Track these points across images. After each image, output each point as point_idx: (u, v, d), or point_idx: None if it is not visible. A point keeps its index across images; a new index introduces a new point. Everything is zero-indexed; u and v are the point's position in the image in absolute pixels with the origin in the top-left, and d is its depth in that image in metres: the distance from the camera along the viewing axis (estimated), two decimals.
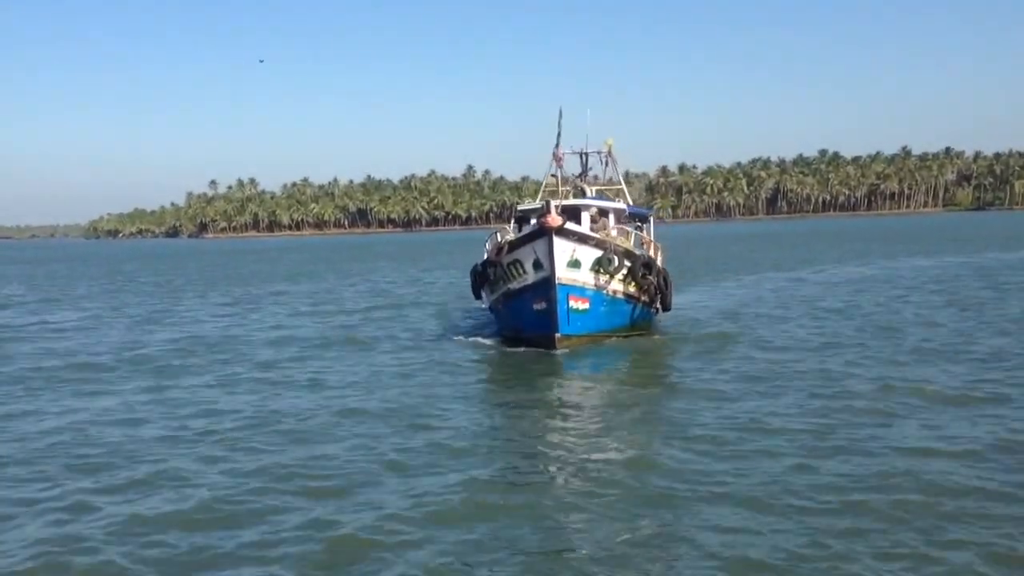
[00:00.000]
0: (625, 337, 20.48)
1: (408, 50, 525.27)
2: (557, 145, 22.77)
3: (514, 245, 19.42)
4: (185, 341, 23.07)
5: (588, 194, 23.21)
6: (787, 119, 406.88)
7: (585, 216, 21.30)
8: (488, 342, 21.11)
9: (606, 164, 25.33)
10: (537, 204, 22.16)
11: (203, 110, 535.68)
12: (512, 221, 23.76)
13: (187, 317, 29.79)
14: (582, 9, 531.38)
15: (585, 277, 19.09)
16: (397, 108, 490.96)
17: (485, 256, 21.86)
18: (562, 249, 18.50)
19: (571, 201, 21.99)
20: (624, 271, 19.50)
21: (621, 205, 23.20)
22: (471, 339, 21.76)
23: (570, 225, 18.78)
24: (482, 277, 21.17)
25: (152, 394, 16.11)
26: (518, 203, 25.26)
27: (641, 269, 19.82)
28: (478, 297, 22.67)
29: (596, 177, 25.35)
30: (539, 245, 18.66)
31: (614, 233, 21.22)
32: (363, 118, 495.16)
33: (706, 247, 77.01)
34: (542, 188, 25.93)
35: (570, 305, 18.94)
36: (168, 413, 14.47)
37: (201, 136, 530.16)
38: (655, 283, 20.50)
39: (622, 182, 25.22)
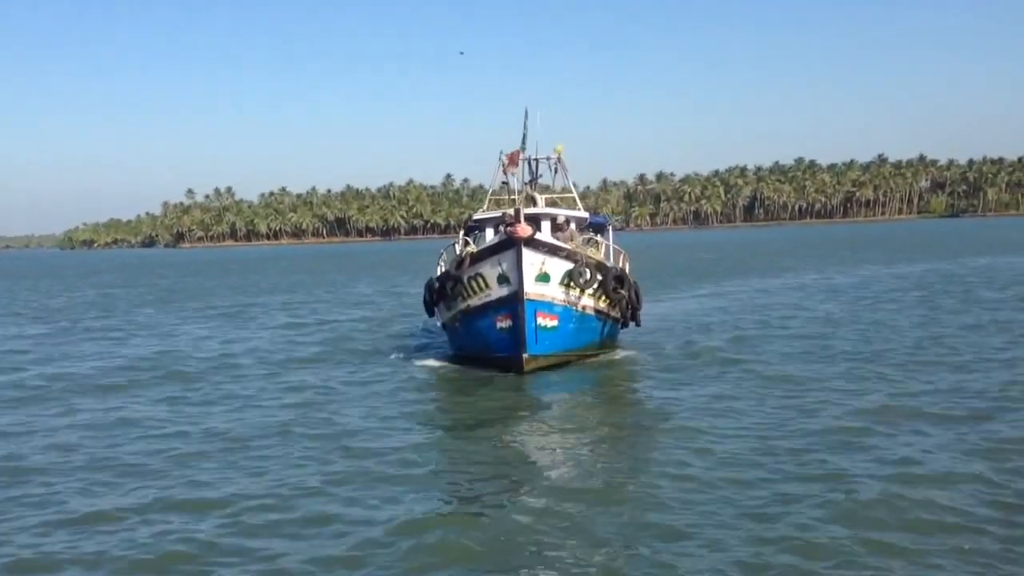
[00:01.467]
0: (593, 355, 19.31)
1: (387, 59, 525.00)
2: (523, 148, 21.60)
3: (477, 257, 18.02)
4: (126, 361, 22.03)
5: (539, 203, 22.02)
6: (764, 127, 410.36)
7: (546, 226, 20.21)
8: (444, 363, 19.72)
9: (555, 171, 23.81)
10: (494, 213, 20.96)
11: (180, 119, 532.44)
12: (462, 231, 22.04)
13: (146, 332, 29.08)
14: (560, 17, 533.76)
15: (554, 292, 17.73)
16: (376, 117, 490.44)
17: (439, 270, 20.52)
18: (531, 262, 17.21)
19: (533, 209, 20.58)
20: (595, 285, 18.20)
21: (582, 213, 22.12)
22: (427, 360, 20.48)
23: (540, 235, 17.66)
24: (439, 293, 19.39)
25: (84, 414, 15.57)
26: (472, 212, 23.74)
27: (612, 283, 18.50)
28: (431, 314, 21.08)
29: (547, 187, 24.19)
30: (506, 257, 17.34)
31: (579, 242, 19.86)
32: (342, 127, 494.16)
33: (680, 255, 77.09)
34: (488, 196, 24.65)
35: (538, 322, 17.55)
36: (92, 436, 13.91)
37: (178, 145, 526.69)
38: (627, 297, 19.12)
39: (574, 190, 23.90)
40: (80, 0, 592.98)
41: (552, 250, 17.64)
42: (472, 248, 18.82)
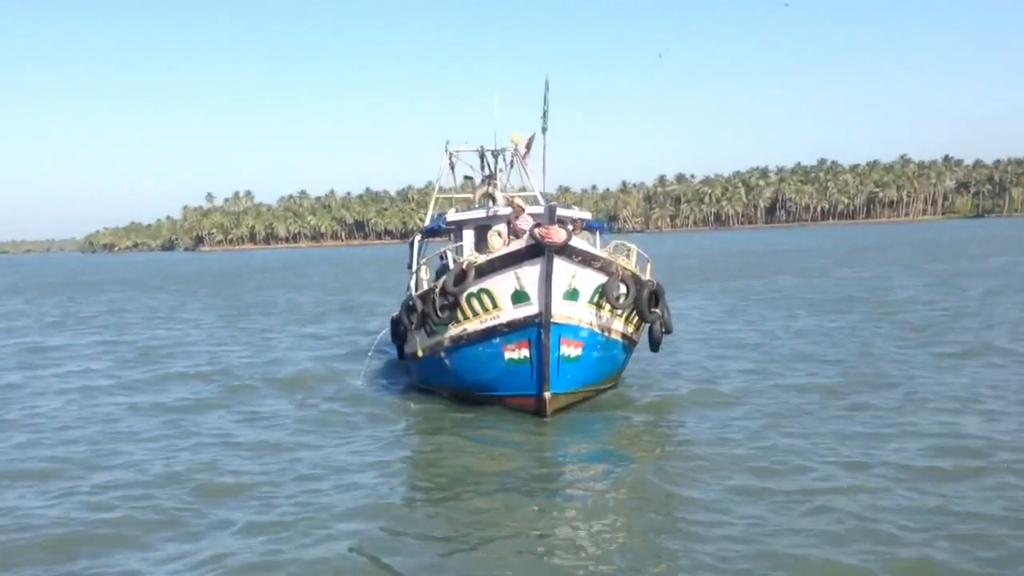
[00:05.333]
0: (607, 389, 15.63)
1: (407, 60, 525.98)
2: (545, 128, 17.13)
3: (485, 270, 13.86)
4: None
5: (499, 202, 18.61)
6: (786, 128, 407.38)
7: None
8: (410, 398, 16.15)
9: (511, 166, 19.98)
10: (477, 212, 17.41)
11: (200, 123, 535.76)
12: (418, 238, 18.73)
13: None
14: (580, 16, 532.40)
15: (581, 313, 14.07)
16: (396, 118, 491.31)
17: (414, 287, 16.74)
18: (560, 274, 13.52)
19: (536, 209, 16.64)
20: (630, 303, 14.54)
21: (585, 214, 18.30)
22: (390, 396, 16.79)
23: (576, 241, 13.85)
24: (421, 317, 15.02)
25: None
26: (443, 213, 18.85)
27: (648, 300, 14.86)
28: (403, 341, 16.86)
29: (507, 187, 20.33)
30: (528, 269, 13.54)
31: (611, 248, 15.86)
32: (362, 129, 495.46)
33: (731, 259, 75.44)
34: (435, 196, 21.10)
35: (561, 352, 14.00)
36: None
37: (198, 149, 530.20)
38: (662, 318, 15.47)
39: (535, 188, 20.03)
40: (98, 5, 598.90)
41: (586, 260, 13.83)
42: (475, 257, 14.50)
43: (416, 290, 16.13)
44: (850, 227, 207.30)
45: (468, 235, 16.95)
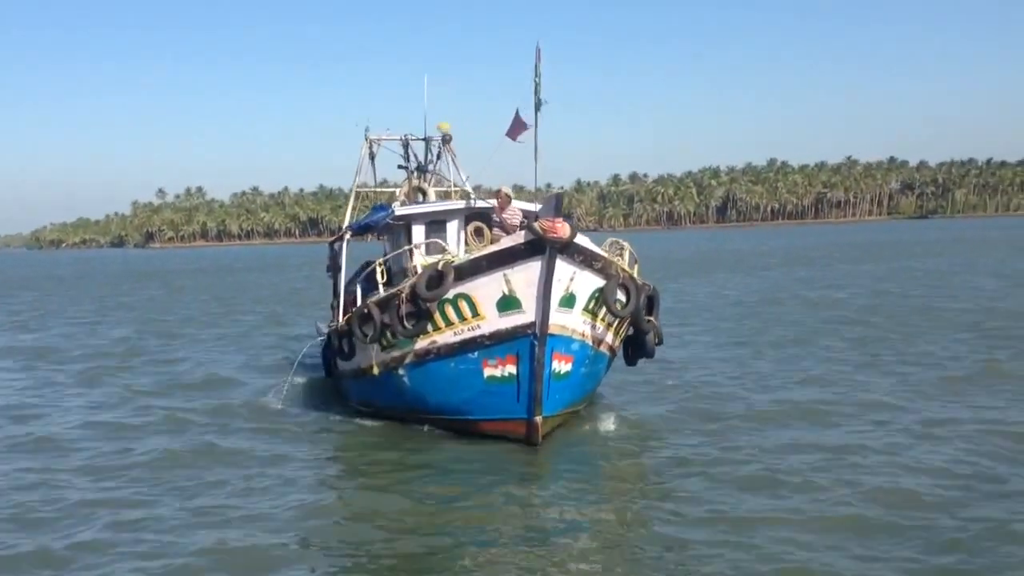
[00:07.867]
0: (579, 409, 13.80)
1: (359, 58, 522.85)
2: (538, 103, 13.33)
3: (467, 271, 11.83)
4: None
5: (431, 196, 16.95)
6: (738, 129, 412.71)
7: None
8: (351, 421, 14.21)
9: (438, 157, 17.97)
10: (444, 204, 15.42)
11: (151, 118, 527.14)
12: (348, 237, 16.40)
13: None
14: (534, 18, 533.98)
15: (575, 322, 12.21)
16: (349, 116, 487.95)
17: (356, 292, 14.55)
18: (560, 277, 11.69)
19: (523, 205, 14.71)
20: (630, 312, 12.70)
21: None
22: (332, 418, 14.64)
23: (580, 239, 11.92)
24: (380, 328, 12.59)
25: None
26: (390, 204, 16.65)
27: (644, 307, 13.21)
28: (348, 357, 14.18)
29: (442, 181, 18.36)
30: (524, 269, 11.63)
31: (607, 247, 13.83)
32: (316, 126, 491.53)
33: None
34: (353, 187, 19.10)
35: (553, 368, 12.15)
36: None
37: (149, 145, 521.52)
38: (656, 328, 14.01)
39: (464, 182, 17.43)
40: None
41: (587, 260, 11.94)
42: (451, 256, 12.45)
43: (361, 297, 14.05)
44: (798, 227, 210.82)
45: (419, 231, 14.64)
